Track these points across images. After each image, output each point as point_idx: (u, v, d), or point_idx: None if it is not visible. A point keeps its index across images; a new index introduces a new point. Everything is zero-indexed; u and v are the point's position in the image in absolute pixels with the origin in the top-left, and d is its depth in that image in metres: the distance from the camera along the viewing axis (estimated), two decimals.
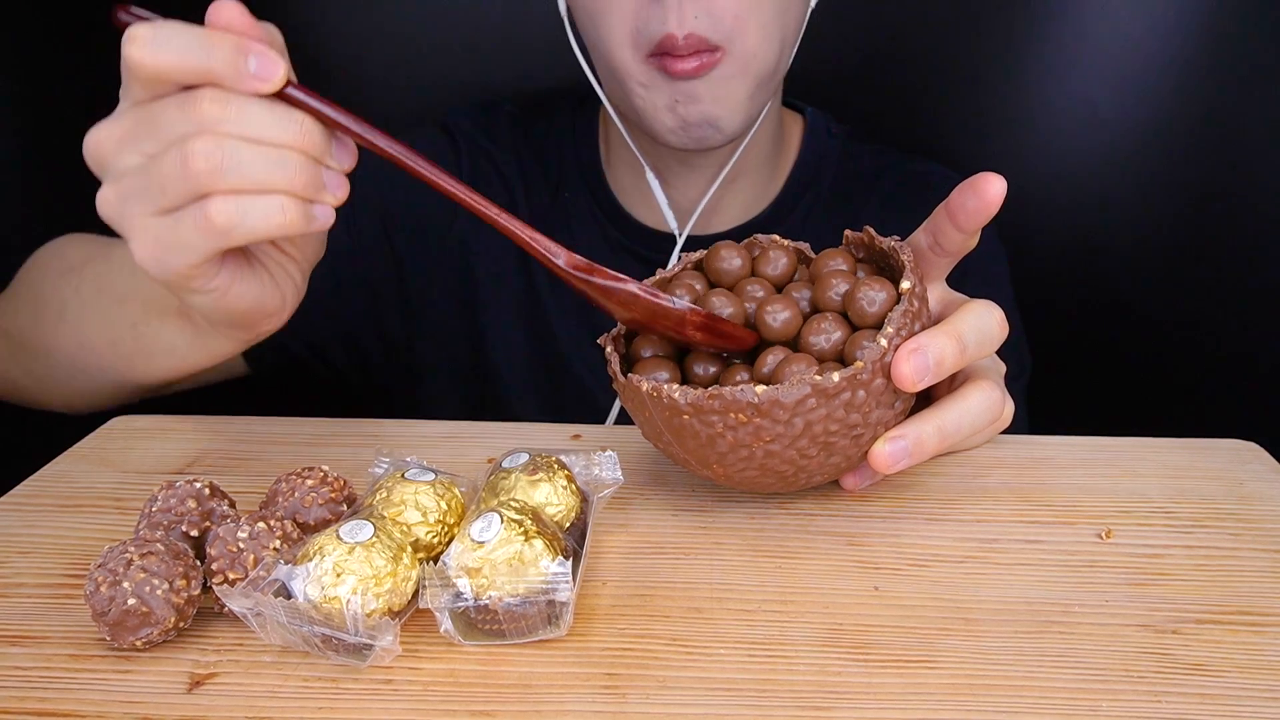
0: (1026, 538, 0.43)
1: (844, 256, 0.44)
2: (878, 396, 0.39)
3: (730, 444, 0.39)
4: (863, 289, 0.41)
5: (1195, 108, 0.87)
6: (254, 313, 0.45)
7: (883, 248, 0.43)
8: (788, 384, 0.38)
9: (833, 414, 0.38)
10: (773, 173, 0.74)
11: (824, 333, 0.41)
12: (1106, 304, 0.91)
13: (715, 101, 0.61)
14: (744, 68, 0.60)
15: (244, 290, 0.43)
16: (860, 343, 0.39)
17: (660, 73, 0.60)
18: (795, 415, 0.38)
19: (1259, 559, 0.41)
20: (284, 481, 0.41)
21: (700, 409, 0.39)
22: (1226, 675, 0.35)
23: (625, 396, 0.42)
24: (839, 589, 0.39)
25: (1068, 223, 0.92)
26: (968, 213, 0.42)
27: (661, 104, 0.61)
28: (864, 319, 0.41)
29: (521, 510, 0.37)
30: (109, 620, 0.35)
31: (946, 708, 0.33)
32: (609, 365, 0.43)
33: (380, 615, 0.35)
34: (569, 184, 0.74)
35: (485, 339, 0.74)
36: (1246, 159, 0.87)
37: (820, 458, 0.40)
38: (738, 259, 0.45)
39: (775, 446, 0.39)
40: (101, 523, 0.45)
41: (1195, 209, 0.90)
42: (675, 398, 0.39)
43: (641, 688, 0.34)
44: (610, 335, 0.45)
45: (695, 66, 0.58)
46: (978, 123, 0.91)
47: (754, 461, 0.40)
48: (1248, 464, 0.49)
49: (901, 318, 0.39)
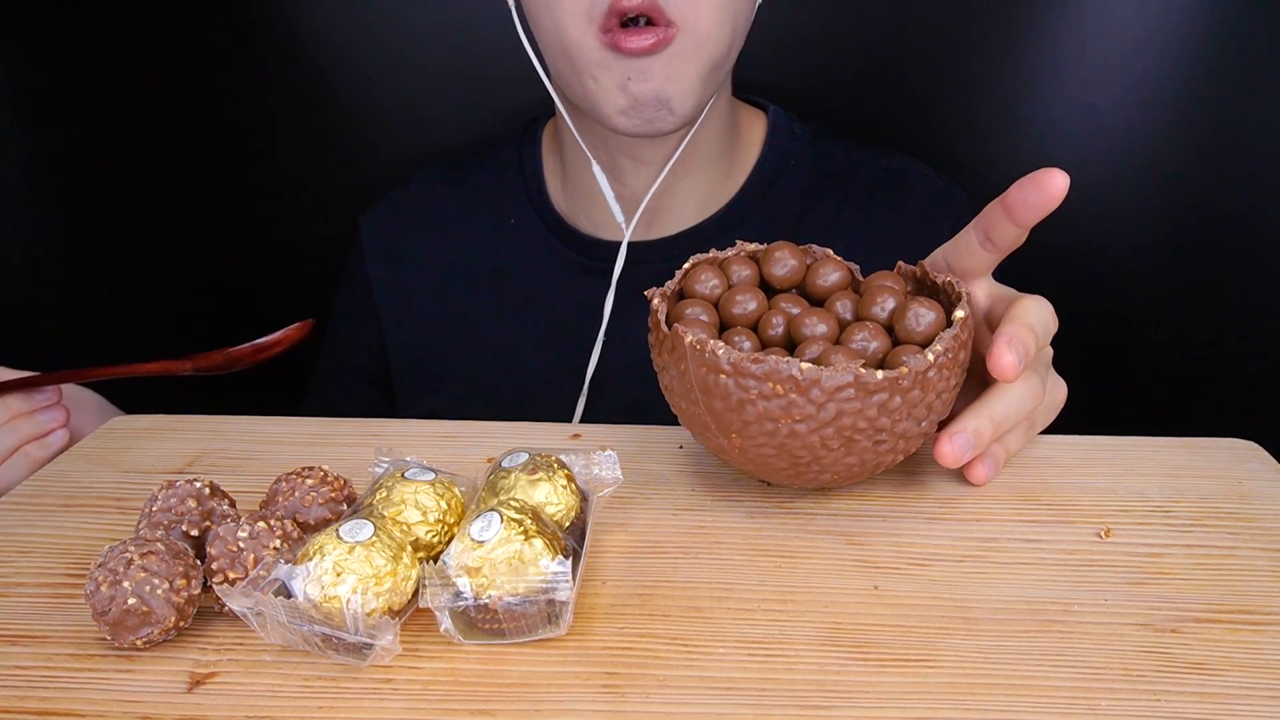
0: (1026, 537, 0.43)
1: (895, 279, 0.45)
2: (910, 408, 0.39)
3: (758, 414, 0.39)
4: (914, 306, 0.41)
5: (1195, 109, 0.87)
6: None
7: (935, 282, 0.44)
8: (833, 368, 0.38)
9: (865, 410, 0.39)
10: (728, 170, 0.72)
11: (862, 341, 0.41)
12: (1106, 304, 0.91)
13: (669, 80, 0.60)
14: (697, 49, 0.60)
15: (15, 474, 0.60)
16: (903, 355, 0.40)
17: (613, 51, 0.59)
18: (830, 400, 0.38)
19: (1258, 558, 0.41)
20: (284, 481, 0.41)
21: (741, 370, 0.39)
22: (1226, 674, 0.35)
23: (662, 349, 0.42)
24: (839, 588, 0.40)
25: (1068, 223, 0.92)
26: (1028, 207, 0.43)
27: (614, 84, 0.60)
28: (910, 336, 0.41)
29: (521, 509, 0.37)
30: (109, 619, 0.35)
31: (946, 707, 0.33)
32: (653, 315, 0.43)
33: (380, 614, 0.35)
34: (515, 210, 0.74)
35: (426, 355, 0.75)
36: (1247, 159, 0.87)
37: (839, 452, 0.40)
38: (793, 261, 0.46)
39: (801, 428, 0.39)
40: (102, 522, 0.45)
41: (1195, 209, 0.90)
42: (719, 355, 0.39)
43: (641, 687, 0.34)
44: (659, 291, 0.45)
45: (651, 43, 0.58)
46: (977, 124, 0.91)
47: (775, 439, 0.40)
48: (1247, 463, 0.49)
49: (951, 340, 0.40)
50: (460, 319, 0.74)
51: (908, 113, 0.91)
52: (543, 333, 0.72)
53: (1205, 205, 0.90)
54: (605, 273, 0.70)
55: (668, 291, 0.45)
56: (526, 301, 0.73)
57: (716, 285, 0.45)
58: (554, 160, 0.75)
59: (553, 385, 0.71)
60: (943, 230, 0.72)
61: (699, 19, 0.59)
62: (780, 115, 0.74)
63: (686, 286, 0.46)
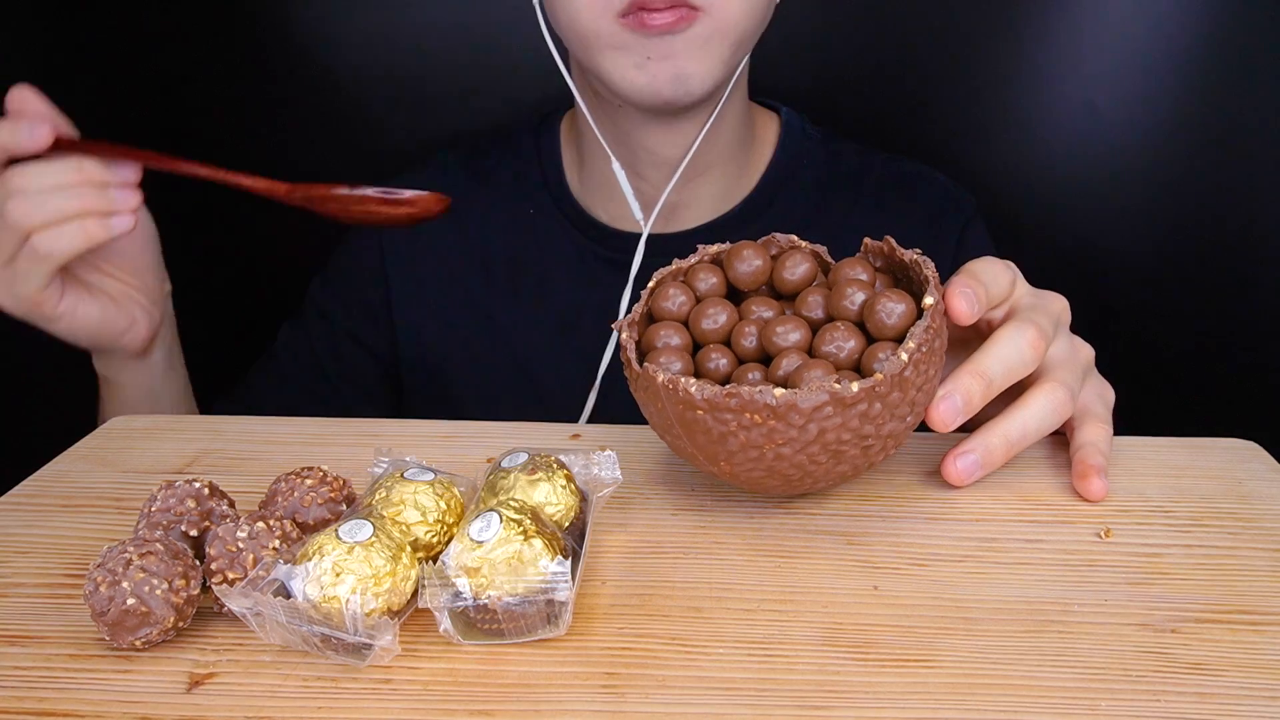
0: (1026, 537, 0.43)
1: (863, 266, 0.44)
2: (892, 409, 0.39)
3: (741, 444, 0.39)
4: (882, 301, 0.41)
5: (1195, 109, 0.87)
6: (105, 331, 0.61)
7: (904, 260, 0.43)
8: (806, 389, 0.38)
9: (847, 423, 0.38)
10: (744, 169, 0.73)
11: (837, 343, 0.41)
12: (1106, 303, 0.91)
13: (690, 58, 0.60)
14: (721, 33, 0.61)
15: (88, 312, 0.60)
16: (878, 355, 0.39)
17: (633, 31, 0.59)
18: (810, 421, 0.38)
19: (1258, 558, 0.41)
20: (283, 481, 0.41)
21: (716, 406, 0.38)
22: (1226, 674, 0.35)
23: (638, 386, 0.42)
24: (839, 588, 0.39)
25: (1068, 223, 0.92)
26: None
27: (630, 64, 0.61)
28: (882, 331, 0.41)
29: (521, 510, 0.37)
30: (108, 620, 0.35)
31: (946, 707, 0.33)
32: (623, 352, 0.43)
33: (379, 615, 0.35)
34: (534, 201, 0.74)
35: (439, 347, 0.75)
36: (1247, 159, 0.87)
37: (828, 464, 0.40)
38: (758, 260, 0.45)
39: (786, 450, 0.39)
40: (101, 523, 0.45)
41: (1195, 209, 0.90)
42: (691, 392, 0.39)
43: (641, 687, 0.34)
44: (626, 321, 0.44)
45: (673, 20, 0.58)
46: (978, 125, 0.91)
47: (763, 463, 0.40)
48: (1247, 463, 0.49)
49: (924, 334, 0.39)
50: (475, 309, 0.74)
51: (909, 115, 0.91)
52: (556, 324, 0.73)
53: (1205, 205, 0.90)
54: (622, 264, 0.70)
55: (635, 317, 0.45)
56: (542, 292, 0.73)
57: (684, 301, 0.45)
58: (571, 152, 0.75)
59: (565, 378, 0.72)
60: (949, 232, 0.74)
61: (726, 5, 0.60)
62: (792, 116, 0.76)
63: (654, 307, 0.45)
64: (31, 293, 0.57)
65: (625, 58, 0.61)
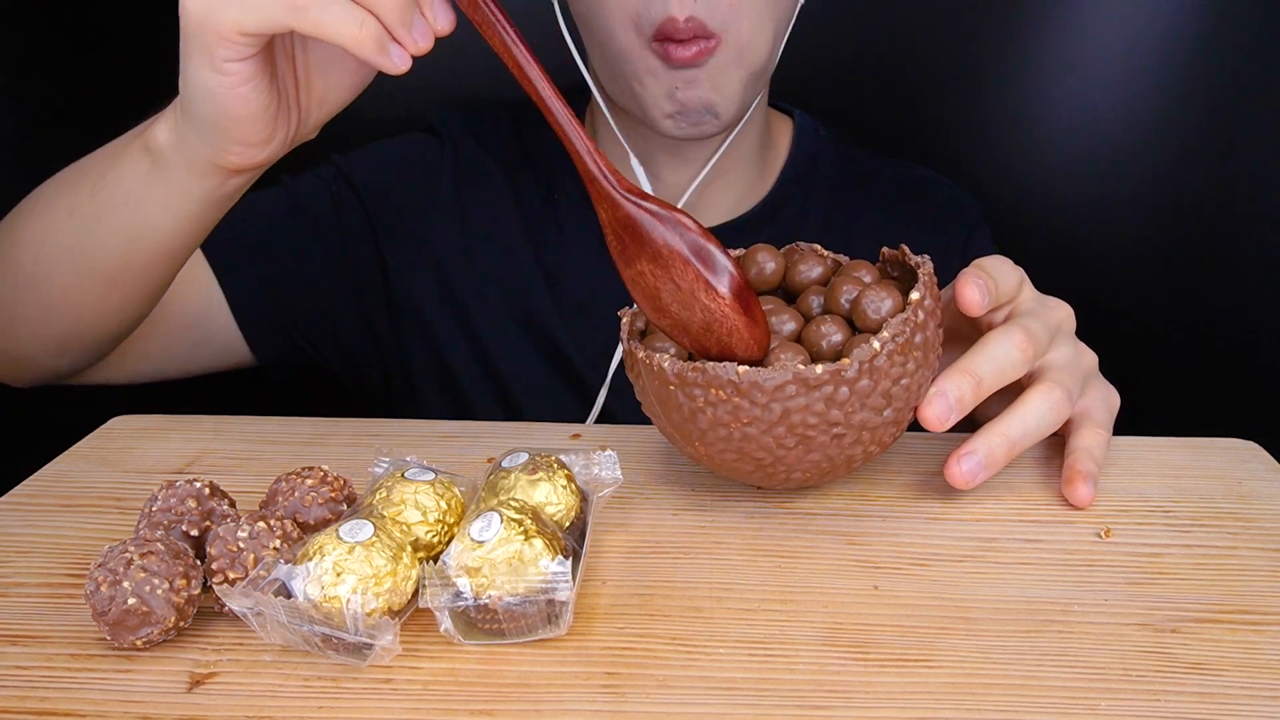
0: (1026, 537, 0.43)
1: (868, 268, 0.45)
2: (863, 398, 0.39)
3: (710, 421, 0.40)
4: (869, 295, 0.42)
5: (1194, 109, 0.87)
6: (242, 125, 0.45)
7: (912, 265, 0.44)
8: (770, 368, 0.38)
9: (812, 406, 0.39)
10: (761, 170, 0.75)
11: (824, 335, 0.42)
12: (1106, 303, 0.91)
13: (714, 88, 0.62)
14: (739, 57, 0.62)
15: (251, 94, 0.43)
16: (856, 345, 0.40)
17: (661, 61, 0.61)
18: (774, 400, 0.39)
19: (1258, 558, 0.41)
20: (284, 481, 0.41)
21: (684, 380, 0.39)
22: (1226, 674, 0.35)
23: (629, 365, 0.43)
24: (839, 588, 0.40)
25: (1068, 223, 0.92)
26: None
27: (661, 92, 0.63)
28: (868, 324, 0.41)
29: (521, 510, 0.37)
30: (109, 620, 0.35)
31: (946, 707, 0.33)
32: (621, 334, 0.44)
33: (380, 614, 0.35)
34: (559, 186, 0.74)
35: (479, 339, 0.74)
36: (1247, 159, 0.87)
37: (798, 451, 0.40)
38: (772, 263, 0.46)
39: (752, 430, 0.39)
40: (101, 522, 0.45)
41: (1195, 209, 0.90)
42: (664, 367, 0.40)
43: (641, 687, 0.34)
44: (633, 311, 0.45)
45: (695, 53, 0.60)
46: (978, 124, 0.91)
47: (732, 443, 0.40)
48: (1246, 463, 0.49)
49: (900, 325, 0.39)
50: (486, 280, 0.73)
51: (908, 114, 0.91)
52: (574, 309, 0.73)
53: (1205, 205, 0.90)
54: None
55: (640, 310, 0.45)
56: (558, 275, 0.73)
57: None
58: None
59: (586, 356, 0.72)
60: (956, 238, 0.74)
61: (740, 27, 0.61)
62: (806, 120, 0.77)
63: None
64: (234, 24, 0.41)
65: (657, 86, 0.62)
